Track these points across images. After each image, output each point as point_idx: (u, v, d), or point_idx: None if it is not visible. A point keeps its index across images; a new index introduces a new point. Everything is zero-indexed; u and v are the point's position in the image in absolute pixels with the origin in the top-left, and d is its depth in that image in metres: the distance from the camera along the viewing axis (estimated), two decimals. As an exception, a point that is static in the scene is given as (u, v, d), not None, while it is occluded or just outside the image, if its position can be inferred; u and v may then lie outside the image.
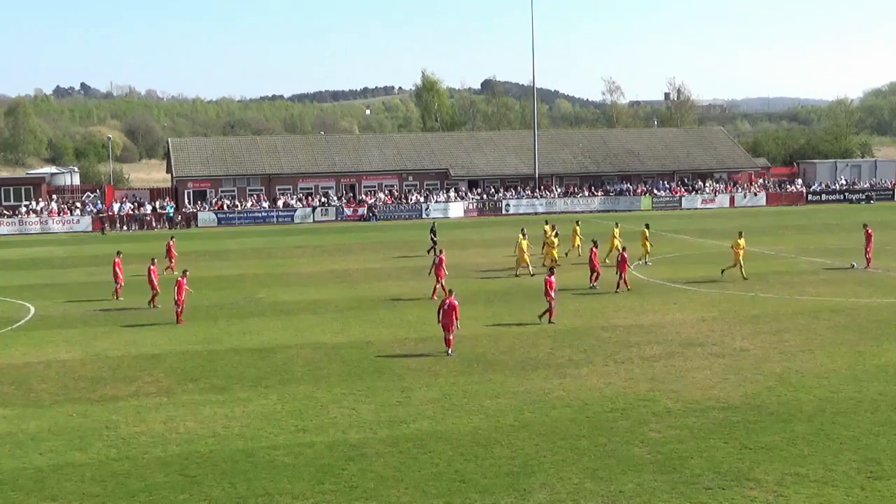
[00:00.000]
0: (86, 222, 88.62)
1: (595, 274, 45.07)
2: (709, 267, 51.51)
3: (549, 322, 36.73)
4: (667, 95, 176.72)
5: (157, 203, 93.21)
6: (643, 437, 22.68)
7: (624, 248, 46.29)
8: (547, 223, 58.01)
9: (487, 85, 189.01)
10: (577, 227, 58.37)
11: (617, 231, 53.93)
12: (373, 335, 35.29)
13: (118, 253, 47.70)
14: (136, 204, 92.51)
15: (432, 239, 60.30)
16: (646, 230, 53.64)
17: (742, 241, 47.13)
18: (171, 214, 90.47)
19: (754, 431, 22.90)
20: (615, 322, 36.97)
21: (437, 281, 43.52)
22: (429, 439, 22.83)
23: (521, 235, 52.03)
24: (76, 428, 24.37)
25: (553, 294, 36.80)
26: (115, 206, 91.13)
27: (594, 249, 45.66)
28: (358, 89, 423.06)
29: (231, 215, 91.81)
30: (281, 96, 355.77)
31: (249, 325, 37.86)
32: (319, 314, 40.27)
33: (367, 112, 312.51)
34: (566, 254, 55.96)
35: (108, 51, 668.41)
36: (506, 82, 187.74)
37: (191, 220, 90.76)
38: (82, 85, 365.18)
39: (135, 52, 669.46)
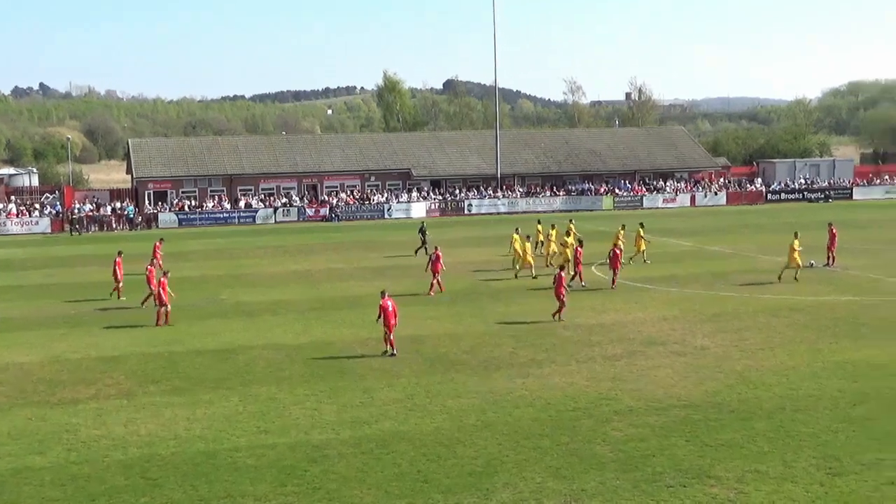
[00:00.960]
0: (45, 224, 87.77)
1: (577, 274, 45.31)
2: (670, 266, 51.83)
3: (559, 319, 37.01)
4: (628, 95, 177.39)
5: (118, 204, 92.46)
6: (605, 435, 22.78)
7: (615, 245, 46.44)
8: (539, 223, 58.31)
9: (449, 85, 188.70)
10: (572, 226, 58.13)
11: (622, 232, 53.30)
12: (335, 336, 35.20)
13: (119, 253, 47.37)
14: (95, 205, 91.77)
15: (422, 238, 60.30)
16: (640, 229, 54.02)
17: (797, 242, 46.09)
18: (132, 216, 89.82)
19: (715, 429, 23.07)
20: (577, 321, 37.08)
21: (434, 277, 44.65)
22: (391, 440, 22.81)
23: (515, 234, 51.93)
24: (35, 432, 24.13)
25: (565, 291, 37.16)
26: (76, 207, 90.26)
27: (579, 249, 45.90)
28: (320, 89, 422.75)
29: (192, 216, 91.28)
30: (242, 96, 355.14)
31: (211, 327, 37.67)
32: (281, 315, 40.12)
33: (329, 112, 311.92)
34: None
35: (67, 51, 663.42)
36: (468, 82, 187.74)
37: (151, 221, 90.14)
38: (41, 85, 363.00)
39: (94, 53, 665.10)
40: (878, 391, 26.26)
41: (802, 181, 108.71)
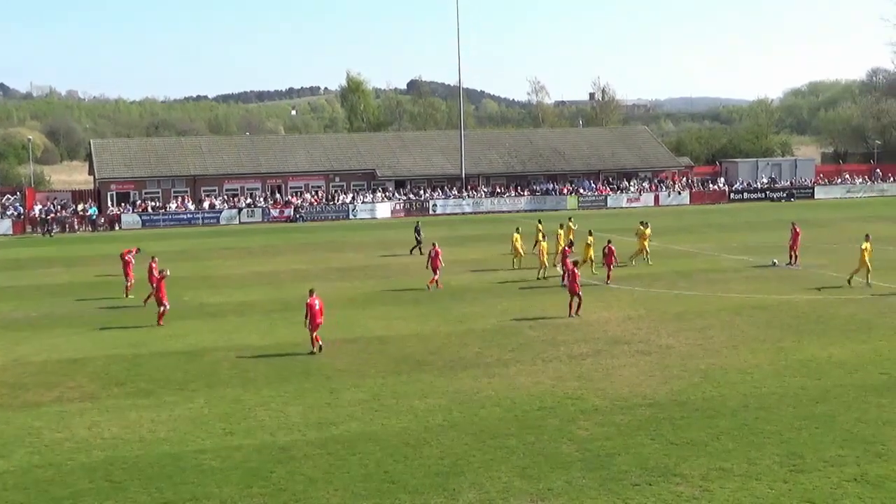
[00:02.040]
0: (6, 225, 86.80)
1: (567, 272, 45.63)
2: (635, 266, 51.97)
3: (577, 314, 37.74)
4: (591, 95, 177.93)
5: (80, 205, 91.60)
6: (571, 434, 22.87)
7: (609, 242, 46.85)
8: (540, 222, 58.57)
9: (413, 85, 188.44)
10: (571, 224, 58.14)
11: (647, 231, 53.73)
12: (300, 337, 34.99)
13: (128, 251, 47.58)
14: (59, 206, 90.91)
15: (417, 238, 60.41)
16: (644, 228, 53.54)
17: (869, 245, 44.27)
18: (95, 217, 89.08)
19: (680, 427, 23.21)
20: (542, 321, 37.19)
21: (435, 273, 45.52)
22: (358, 440, 22.79)
23: (516, 233, 52.67)
24: (-3, 435, 23.93)
25: (579, 287, 38.06)
26: (47, 208, 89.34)
27: (567, 250, 46.30)
28: (283, 90, 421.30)
29: (155, 217, 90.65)
30: (205, 97, 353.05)
31: (175, 328, 37.44)
32: (246, 316, 39.97)
33: (293, 112, 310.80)
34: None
35: (27, 51, 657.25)
36: (432, 82, 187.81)
37: (114, 222, 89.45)
38: (1, 85, 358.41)
39: (55, 53, 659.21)
40: (841, 388, 26.53)
41: (765, 180, 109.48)
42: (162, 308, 38.30)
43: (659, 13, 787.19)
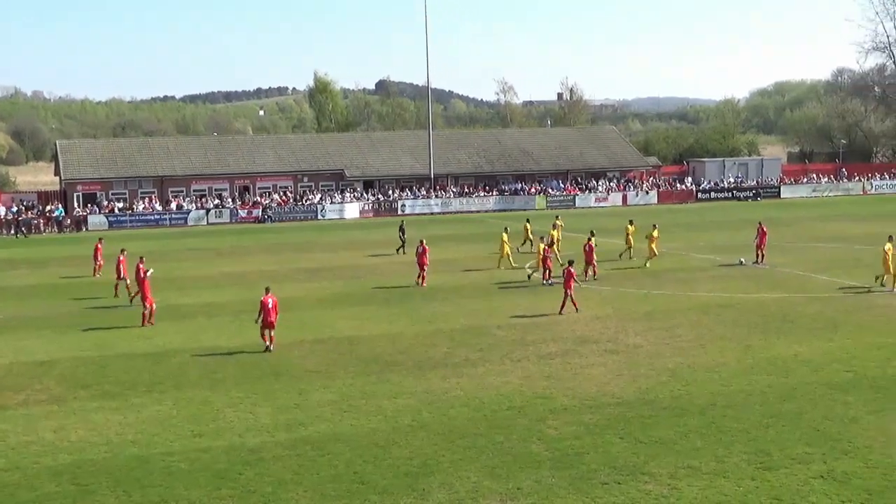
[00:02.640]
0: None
1: (547, 271, 46.34)
2: (602, 265, 52.07)
3: (570, 312, 38.06)
4: (560, 96, 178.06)
5: (47, 206, 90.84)
6: (540, 434, 22.91)
7: (589, 239, 47.66)
8: (529, 221, 58.88)
9: (382, 85, 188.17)
10: (559, 223, 58.38)
11: (632, 229, 54.48)
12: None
13: (122, 250, 47.49)
14: (24, 207, 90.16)
15: (401, 237, 60.49)
16: (653, 230, 52.72)
17: (890, 245, 42.84)
18: (61, 218, 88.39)
19: (648, 426, 23.31)
20: (511, 321, 37.24)
21: (422, 270, 46.30)
22: (327, 441, 22.74)
23: (504, 233, 52.83)
24: (-37, 439, 23.69)
25: (573, 285, 38.44)
26: (20, 209, 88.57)
27: (548, 249, 46.77)
28: (251, 90, 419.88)
29: (122, 218, 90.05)
30: (172, 97, 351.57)
31: (143, 330, 37.21)
32: (215, 317, 39.79)
33: (261, 113, 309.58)
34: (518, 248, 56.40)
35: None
36: (400, 83, 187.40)
37: (81, 223, 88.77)
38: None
39: (20, 52, 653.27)
40: (807, 386, 26.72)
41: (732, 180, 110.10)
42: (146, 309, 38.06)
43: (626, 14, 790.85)
